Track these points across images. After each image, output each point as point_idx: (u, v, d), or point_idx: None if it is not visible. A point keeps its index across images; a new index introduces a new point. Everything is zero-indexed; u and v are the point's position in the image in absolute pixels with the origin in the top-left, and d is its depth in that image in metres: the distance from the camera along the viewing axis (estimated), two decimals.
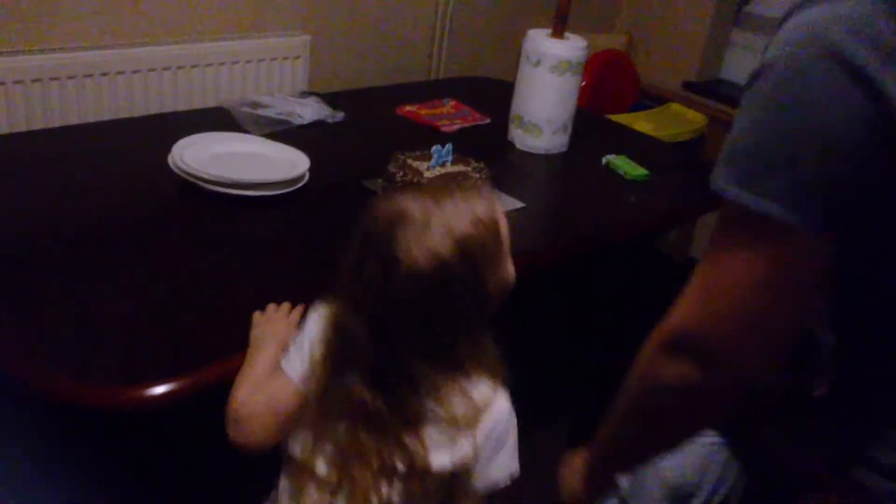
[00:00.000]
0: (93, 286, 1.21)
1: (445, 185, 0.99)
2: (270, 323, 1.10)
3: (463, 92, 2.24)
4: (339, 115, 1.95)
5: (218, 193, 1.48)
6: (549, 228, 1.57)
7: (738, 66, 2.93)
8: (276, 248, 1.42)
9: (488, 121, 2.07)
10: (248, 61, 2.05)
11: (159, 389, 1.02)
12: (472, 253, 0.89)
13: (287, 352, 1.02)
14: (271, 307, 1.13)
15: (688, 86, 2.89)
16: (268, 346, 1.05)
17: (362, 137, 1.93)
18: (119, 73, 1.89)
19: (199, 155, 1.55)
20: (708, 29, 2.81)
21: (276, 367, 1.01)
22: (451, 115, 2.08)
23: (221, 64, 2.02)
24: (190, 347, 1.12)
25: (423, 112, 2.07)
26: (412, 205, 0.89)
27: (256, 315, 1.12)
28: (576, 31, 2.01)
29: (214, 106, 1.95)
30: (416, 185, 0.97)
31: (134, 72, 1.90)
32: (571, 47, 1.84)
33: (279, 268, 1.35)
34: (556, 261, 1.52)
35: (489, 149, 1.93)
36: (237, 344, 1.08)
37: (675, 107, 2.82)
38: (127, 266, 1.27)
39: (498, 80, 2.39)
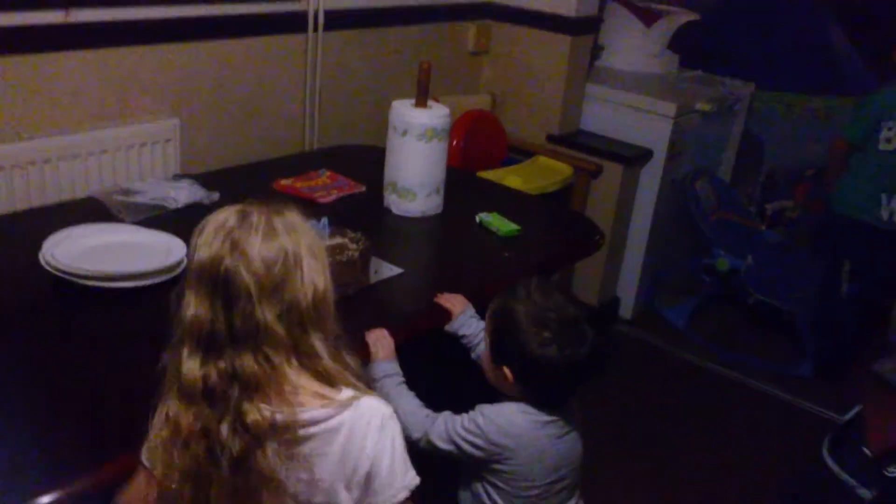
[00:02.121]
0: None
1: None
2: None
3: (338, 161, 2.29)
4: (216, 195, 1.96)
5: (96, 288, 1.46)
6: (429, 292, 1.63)
7: (595, 117, 3.13)
8: (157, 339, 1.42)
9: (364, 189, 2.14)
10: (118, 149, 2.04)
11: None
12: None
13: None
14: None
15: (552, 139, 3.06)
16: None
17: None
18: None
19: (71, 249, 1.54)
20: (565, 85, 2.99)
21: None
22: (327, 185, 2.13)
23: (90, 154, 2.00)
24: (69, 457, 1.10)
25: (300, 185, 2.11)
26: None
27: None
28: (441, 94, 2.11)
29: (85, 197, 1.93)
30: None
31: None
32: (435, 115, 1.94)
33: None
34: (438, 324, 1.58)
35: (367, 215, 1.99)
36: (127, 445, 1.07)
37: (542, 159, 2.98)
38: (5, 374, 1.24)
39: (371, 147, 2.46)
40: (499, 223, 1.98)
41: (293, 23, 2.40)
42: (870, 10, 4.50)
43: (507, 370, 1.36)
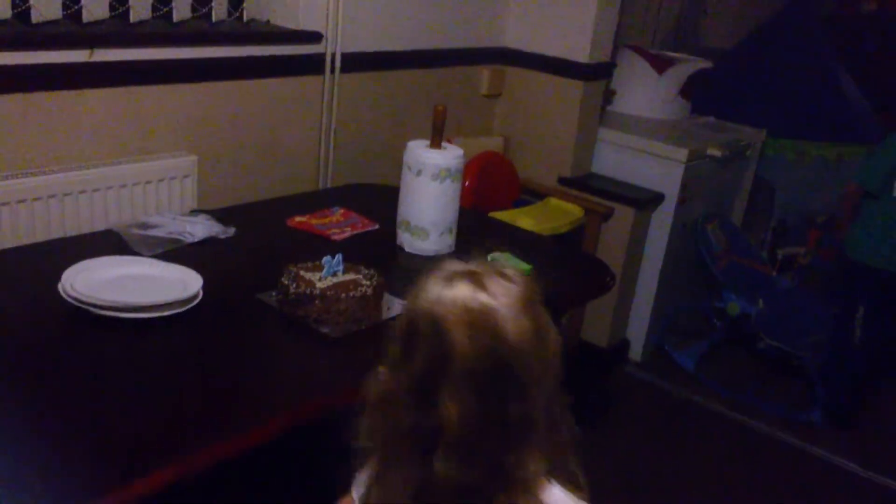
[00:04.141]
0: None
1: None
2: None
3: (351, 200, 2.32)
4: (231, 231, 1.99)
5: (111, 319, 1.48)
6: None
7: (606, 160, 3.17)
8: (173, 370, 1.43)
9: (377, 226, 2.16)
10: (136, 184, 2.08)
11: None
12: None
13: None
14: None
15: (564, 181, 3.10)
16: None
17: (255, 251, 1.98)
18: (3, 203, 1.88)
19: (90, 281, 1.56)
20: (577, 128, 3.04)
21: None
22: (340, 223, 2.16)
23: (109, 188, 2.04)
24: (89, 479, 1.11)
25: (314, 222, 2.14)
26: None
27: None
28: (455, 135, 2.15)
29: (103, 230, 1.96)
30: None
31: (19, 202, 1.90)
32: (449, 156, 1.97)
33: (179, 389, 1.37)
34: None
35: (379, 254, 2.01)
36: (135, 474, 1.08)
37: (554, 201, 3.01)
38: (20, 400, 1.26)
39: (385, 186, 2.50)
40: (510, 262, 1.99)
41: (311, 65, 2.46)
42: (878, 59, 4.56)
43: None
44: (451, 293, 0.91)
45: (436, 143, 2.00)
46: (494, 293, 0.90)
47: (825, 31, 3.99)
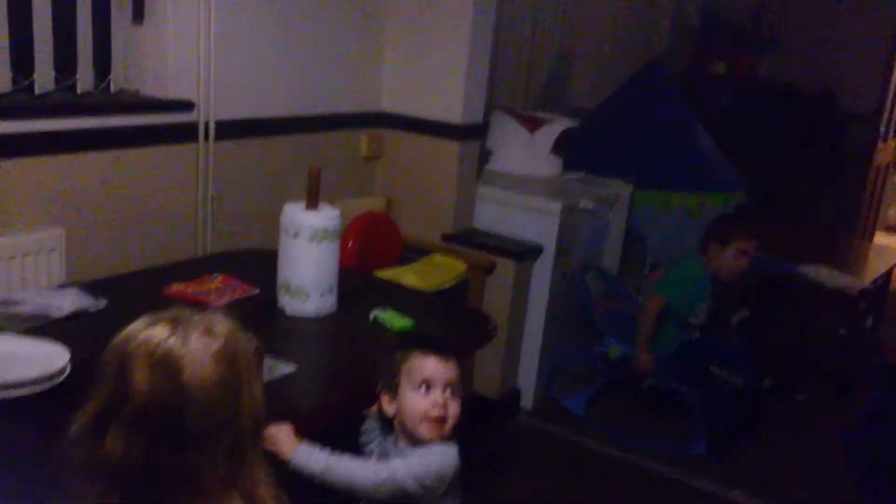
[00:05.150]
0: None
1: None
2: None
3: (231, 266, 2.30)
4: (102, 303, 1.93)
5: None
6: (322, 387, 1.64)
7: (487, 216, 3.27)
8: (46, 448, 1.37)
9: (258, 291, 2.15)
10: None
11: None
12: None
13: None
14: None
15: (446, 238, 3.17)
16: None
17: (128, 322, 1.92)
18: None
19: None
20: (456, 186, 3.13)
21: None
22: (219, 289, 2.13)
23: None
24: None
25: (191, 289, 2.10)
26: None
27: None
28: (336, 197, 2.18)
29: None
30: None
31: None
32: (325, 217, 2.00)
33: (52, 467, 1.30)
34: (331, 417, 1.58)
35: (260, 318, 2.00)
36: None
37: (438, 257, 3.06)
38: None
39: (264, 251, 2.48)
40: (392, 319, 2.02)
41: (184, 133, 2.45)
42: (731, 113, 4.94)
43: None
44: (146, 333, 0.94)
45: (312, 205, 2.02)
46: (188, 341, 0.93)
47: (681, 88, 4.30)
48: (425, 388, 1.51)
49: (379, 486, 1.44)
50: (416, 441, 1.52)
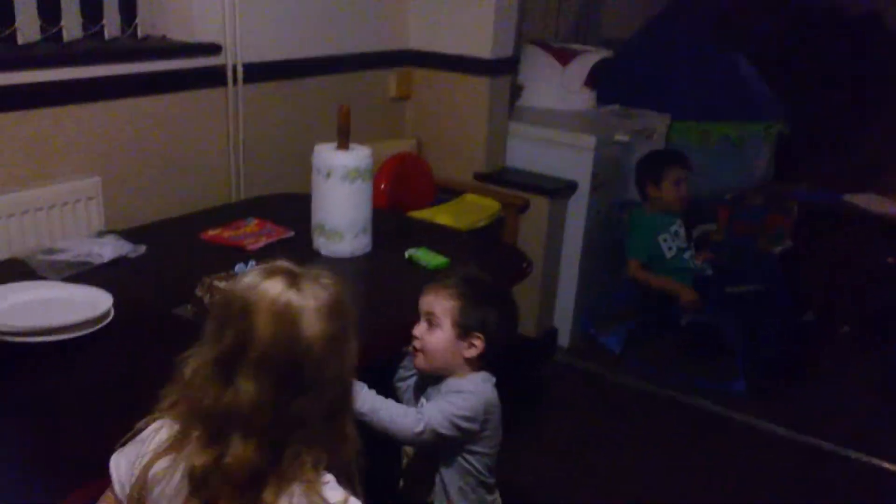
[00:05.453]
0: None
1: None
2: None
3: (265, 210, 2.31)
4: (142, 249, 1.95)
5: (18, 344, 1.44)
6: (359, 326, 1.64)
7: (519, 153, 3.22)
8: (92, 392, 1.40)
9: (292, 234, 2.15)
10: (39, 209, 2.02)
11: None
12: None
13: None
14: None
15: (479, 177, 3.13)
16: None
17: (167, 268, 1.94)
18: None
19: None
20: (487, 124, 3.08)
21: None
22: (255, 233, 2.14)
23: (10, 216, 1.97)
24: None
25: (227, 234, 2.12)
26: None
27: None
28: (366, 140, 2.16)
29: (7, 258, 1.90)
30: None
31: None
32: (356, 157, 1.98)
33: (99, 409, 1.34)
34: (368, 356, 1.59)
35: (296, 260, 1.99)
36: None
37: (470, 197, 3.04)
38: None
39: (297, 194, 2.49)
40: (427, 257, 2.02)
41: (212, 77, 2.43)
42: (772, 41, 4.77)
43: (478, 340, 1.54)
44: (266, 284, 1.00)
45: (343, 145, 2.00)
46: (304, 294, 1.00)
47: (718, 15, 4.15)
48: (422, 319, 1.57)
49: (416, 437, 1.46)
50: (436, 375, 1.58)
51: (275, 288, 1.00)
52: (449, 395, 1.54)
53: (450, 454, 1.57)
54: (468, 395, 1.52)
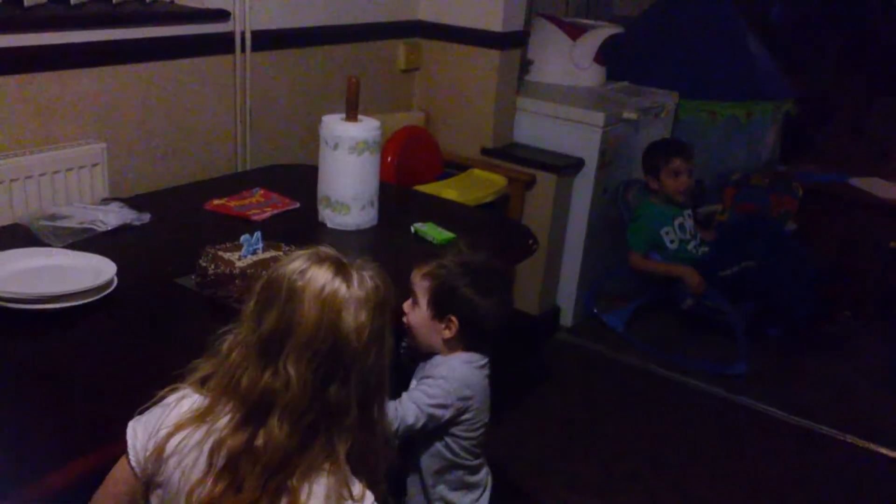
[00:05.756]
0: None
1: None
2: None
3: (271, 180, 2.29)
4: (146, 217, 1.94)
5: (20, 312, 1.43)
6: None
7: (527, 129, 3.19)
8: (94, 359, 1.40)
9: (298, 205, 2.14)
10: (42, 174, 2.00)
11: None
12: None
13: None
14: None
15: (486, 152, 3.11)
16: None
17: (171, 237, 1.93)
18: None
19: None
20: (495, 99, 3.05)
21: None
22: (260, 203, 2.13)
23: (13, 181, 1.95)
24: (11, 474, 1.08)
25: (233, 204, 2.10)
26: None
27: None
28: (374, 111, 2.14)
29: (10, 224, 1.88)
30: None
31: None
32: (365, 128, 1.96)
33: (101, 376, 1.33)
34: None
35: (301, 231, 1.99)
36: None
37: (477, 172, 3.02)
38: None
39: (304, 165, 2.47)
40: (434, 232, 2.00)
41: (220, 44, 2.40)
42: (783, 27, 4.71)
43: (453, 320, 1.49)
44: (315, 271, 1.01)
45: (351, 116, 1.98)
46: (351, 284, 1.01)
47: None
48: None
49: (394, 437, 1.43)
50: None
51: (323, 276, 1.01)
52: (424, 381, 1.51)
53: (426, 438, 1.54)
54: (440, 380, 1.49)
